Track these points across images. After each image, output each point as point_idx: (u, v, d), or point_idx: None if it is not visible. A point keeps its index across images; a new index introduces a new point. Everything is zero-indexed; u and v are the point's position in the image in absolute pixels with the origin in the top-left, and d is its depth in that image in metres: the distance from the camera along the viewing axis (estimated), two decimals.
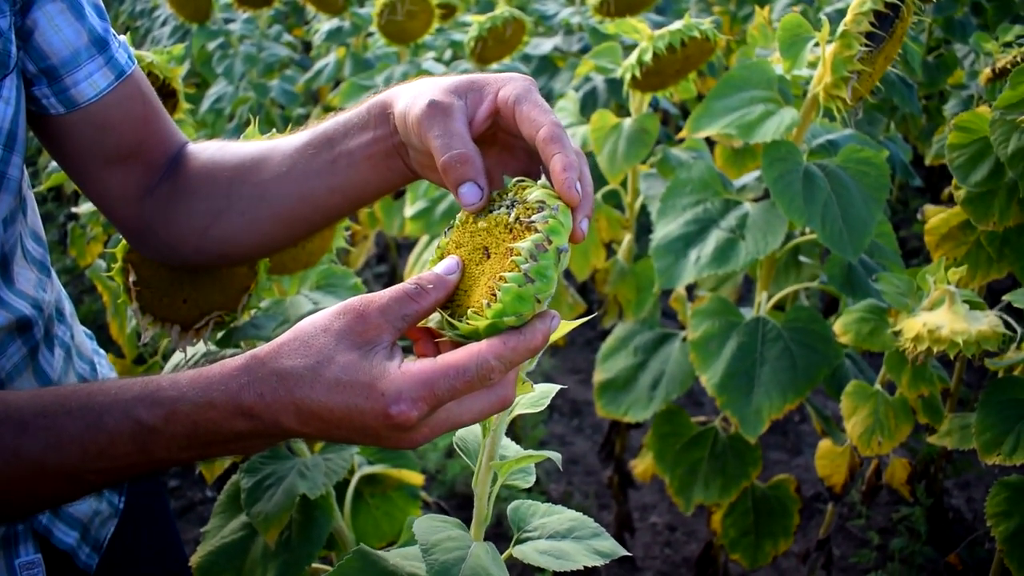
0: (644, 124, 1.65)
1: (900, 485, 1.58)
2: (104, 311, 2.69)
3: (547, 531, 0.71)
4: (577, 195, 0.59)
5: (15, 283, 0.80)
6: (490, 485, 0.69)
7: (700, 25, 1.42)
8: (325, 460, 1.12)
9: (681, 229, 1.42)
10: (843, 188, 1.33)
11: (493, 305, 0.57)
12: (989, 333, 1.18)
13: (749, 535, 1.67)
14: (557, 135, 0.61)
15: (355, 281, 1.30)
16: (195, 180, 0.83)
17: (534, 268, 0.56)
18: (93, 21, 0.78)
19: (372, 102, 0.73)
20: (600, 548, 0.69)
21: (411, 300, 0.59)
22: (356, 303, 0.59)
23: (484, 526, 0.69)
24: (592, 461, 2.66)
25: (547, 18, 2.71)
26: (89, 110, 0.78)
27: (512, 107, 0.63)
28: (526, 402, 0.66)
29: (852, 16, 1.17)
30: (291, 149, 0.78)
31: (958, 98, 2.51)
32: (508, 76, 0.66)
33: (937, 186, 3.50)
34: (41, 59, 0.75)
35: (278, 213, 0.79)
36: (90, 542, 0.91)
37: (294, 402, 0.57)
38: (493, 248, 0.60)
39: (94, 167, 0.82)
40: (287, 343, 0.59)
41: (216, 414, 0.59)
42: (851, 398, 1.37)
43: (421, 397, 0.55)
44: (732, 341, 1.44)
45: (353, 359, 0.57)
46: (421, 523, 0.66)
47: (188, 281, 0.95)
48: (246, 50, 2.81)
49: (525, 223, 0.59)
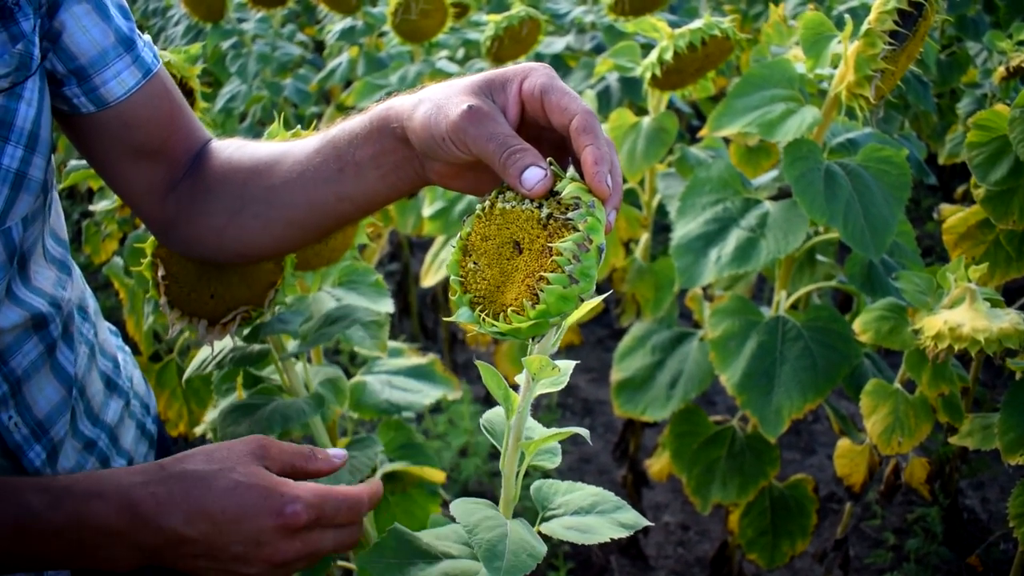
0: (663, 123, 1.65)
1: (919, 484, 1.58)
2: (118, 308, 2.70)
3: (571, 507, 0.73)
4: (608, 189, 0.59)
5: (32, 281, 0.81)
6: (517, 465, 0.71)
7: (720, 24, 1.42)
8: (350, 458, 1.12)
9: (701, 228, 1.42)
10: (864, 187, 1.33)
11: (537, 306, 0.57)
12: (1011, 331, 1.18)
13: (766, 535, 1.67)
14: (590, 125, 0.60)
15: (376, 277, 1.30)
16: (213, 179, 0.84)
17: (578, 269, 0.56)
18: (119, 21, 0.79)
19: (373, 113, 0.72)
20: (623, 520, 0.71)
21: (303, 458, 0.70)
22: (258, 437, 0.69)
23: (513, 505, 0.71)
24: (605, 460, 2.66)
25: (559, 17, 2.71)
26: (118, 108, 0.79)
27: (539, 97, 0.63)
28: (548, 382, 0.67)
29: (876, 14, 1.17)
30: (302, 155, 0.78)
31: (971, 96, 2.50)
32: (528, 67, 0.65)
33: (949, 185, 3.49)
34: (70, 60, 0.76)
35: (289, 217, 0.79)
36: None
37: (187, 502, 0.62)
38: (526, 244, 0.60)
39: (122, 163, 0.83)
40: (190, 454, 0.67)
41: (101, 505, 0.63)
42: (871, 397, 1.37)
43: (314, 505, 0.64)
44: (752, 340, 1.44)
45: (255, 469, 0.65)
46: (459, 506, 0.68)
47: (215, 276, 0.95)
48: (260, 49, 2.82)
49: (561, 220, 0.58)
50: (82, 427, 0.90)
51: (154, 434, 1.07)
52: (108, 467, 0.93)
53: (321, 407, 1.04)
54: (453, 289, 0.64)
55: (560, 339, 0.62)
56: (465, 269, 0.64)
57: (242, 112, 2.89)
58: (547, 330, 0.58)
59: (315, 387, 1.14)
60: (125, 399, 1.01)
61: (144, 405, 1.06)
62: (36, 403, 0.82)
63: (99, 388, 0.95)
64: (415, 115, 0.67)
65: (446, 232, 1.94)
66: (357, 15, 2.68)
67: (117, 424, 0.97)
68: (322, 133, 0.78)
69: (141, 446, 1.03)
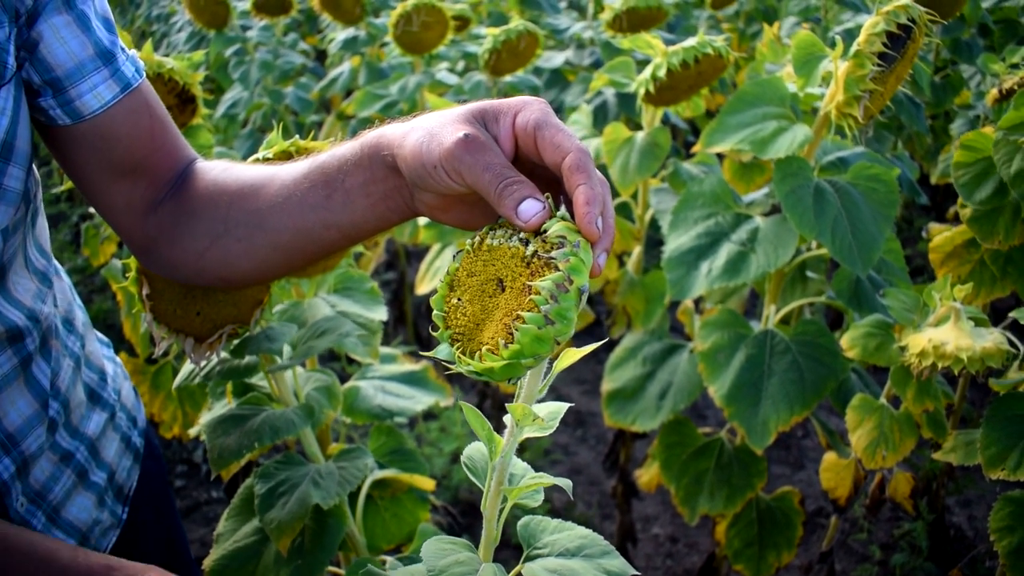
0: (656, 138, 1.68)
1: (903, 499, 1.59)
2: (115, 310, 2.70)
3: (557, 548, 0.70)
4: (598, 232, 0.57)
5: (12, 293, 0.79)
6: (499, 506, 0.68)
7: (713, 42, 1.45)
8: (340, 469, 1.11)
9: (693, 242, 1.45)
10: (853, 204, 1.35)
11: (511, 346, 0.55)
12: (993, 350, 1.20)
13: (753, 546, 1.68)
14: (583, 164, 0.58)
15: (371, 285, 1.32)
16: (197, 200, 0.82)
17: (555, 310, 0.54)
18: (100, 34, 0.77)
19: (365, 141, 0.70)
20: (609, 567, 0.68)
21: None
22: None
23: (493, 546, 0.69)
24: (596, 471, 2.68)
25: (558, 32, 2.75)
26: (94, 122, 0.78)
27: (532, 133, 0.61)
28: (534, 427, 0.64)
29: (865, 36, 1.20)
30: (290, 179, 0.75)
31: (965, 118, 2.54)
32: (522, 101, 0.63)
33: (942, 205, 3.53)
34: (46, 71, 0.74)
35: (274, 242, 0.77)
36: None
37: None
38: (508, 282, 0.58)
39: (100, 179, 0.81)
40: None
41: None
42: (856, 411, 1.39)
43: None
44: (740, 353, 1.46)
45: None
46: (430, 546, 0.65)
47: (201, 295, 0.94)
48: (262, 57, 2.84)
49: (544, 258, 0.56)
50: (59, 439, 0.89)
51: (140, 447, 1.05)
52: (85, 480, 0.92)
53: (311, 417, 1.04)
54: (435, 324, 0.63)
55: (548, 385, 0.60)
56: (449, 304, 0.62)
57: (243, 119, 2.91)
58: (521, 373, 0.56)
59: (306, 394, 1.13)
60: (110, 412, 0.99)
61: (131, 418, 1.04)
62: (7, 416, 0.80)
63: (81, 400, 0.93)
64: (406, 143, 0.65)
65: (441, 240, 1.96)
66: (360, 26, 2.71)
67: (99, 437, 0.95)
68: (311, 158, 0.76)
69: (125, 459, 1.01)
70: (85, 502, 0.91)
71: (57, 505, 0.88)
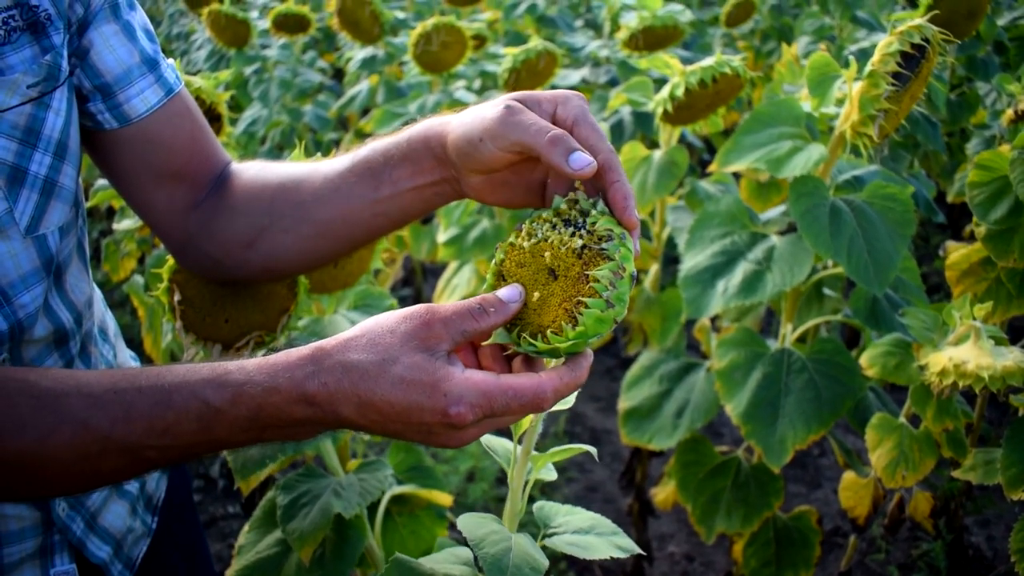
0: (674, 157, 1.69)
1: (923, 519, 1.58)
2: (134, 325, 2.73)
3: (571, 527, 0.79)
4: (636, 221, 0.64)
5: (68, 294, 0.82)
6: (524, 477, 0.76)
7: (731, 62, 1.46)
8: (360, 480, 1.14)
9: (709, 260, 1.45)
10: (869, 223, 1.36)
11: (576, 327, 0.62)
12: (1014, 369, 1.19)
13: (770, 566, 1.67)
14: (614, 163, 0.65)
15: (391, 302, 1.33)
16: (239, 197, 0.86)
17: (614, 295, 0.62)
18: (144, 43, 0.82)
19: (412, 134, 0.76)
20: (620, 544, 0.77)
21: (472, 318, 0.63)
22: (421, 310, 0.63)
23: (518, 518, 0.76)
24: (611, 489, 2.67)
25: (575, 50, 2.77)
26: (140, 125, 0.82)
27: (571, 128, 0.66)
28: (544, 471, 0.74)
29: (879, 56, 1.20)
30: (333, 173, 0.81)
31: (980, 137, 2.53)
32: (563, 94, 0.68)
33: (959, 223, 3.51)
34: (96, 76, 0.79)
35: (321, 230, 0.82)
36: (123, 559, 0.93)
37: (356, 394, 0.61)
38: (562, 272, 0.64)
39: (143, 182, 0.86)
40: (354, 338, 0.63)
41: (280, 399, 0.63)
42: (876, 430, 1.39)
43: (479, 405, 0.60)
44: (757, 371, 1.46)
45: (418, 360, 0.61)
46: (465, 520, 0.72)
47: (230, 301, 0.97)
48: (281, 75, 2.88)
49: (595, 250, 0.63)
50: None
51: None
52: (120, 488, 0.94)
53: (333, 432, 1.06)
54: None
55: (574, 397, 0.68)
56: None
57: (262, 136, 2.95)
58: (583, 349, 0.64)
59: None
60: None
61: None
62: None
63: None
64: (453, 125, 0.71)
65: (460, 258, 1.98)
66: (379, 44, 2.75)
67: None
68: (351, 153, 0.81)
69: (151, 481, 1.03)
70: (120, 510, 0.92)
71: (95, 512, 0.89)
